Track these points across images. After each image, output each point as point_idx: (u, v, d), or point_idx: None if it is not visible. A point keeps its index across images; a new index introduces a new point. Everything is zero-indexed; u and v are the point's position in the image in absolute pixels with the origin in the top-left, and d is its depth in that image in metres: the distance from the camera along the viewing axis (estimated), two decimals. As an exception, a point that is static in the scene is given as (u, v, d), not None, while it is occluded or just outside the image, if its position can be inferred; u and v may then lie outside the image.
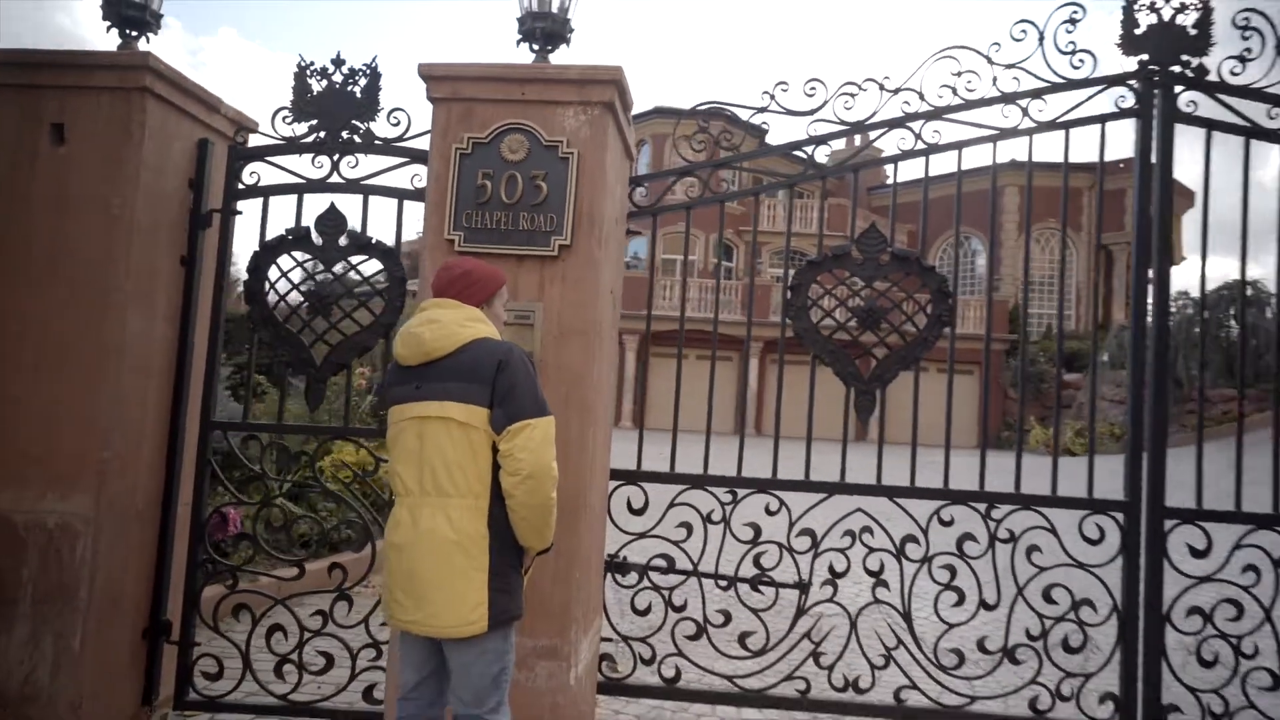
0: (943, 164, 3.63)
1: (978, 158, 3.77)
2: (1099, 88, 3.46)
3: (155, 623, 3.30)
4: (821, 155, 3.90)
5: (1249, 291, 18.60)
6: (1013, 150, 3.72)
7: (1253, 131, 3.39)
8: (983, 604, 3.47)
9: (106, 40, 3.78)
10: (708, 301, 23.54)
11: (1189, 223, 25.76)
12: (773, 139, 3.82)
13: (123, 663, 3.19)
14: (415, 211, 3.38)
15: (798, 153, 3.82)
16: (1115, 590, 3.42)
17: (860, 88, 3.61)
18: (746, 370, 4.49)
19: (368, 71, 3.45)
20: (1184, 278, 53.58)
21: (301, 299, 3.40)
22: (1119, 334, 18.82)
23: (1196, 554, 3.38)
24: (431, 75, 3.05)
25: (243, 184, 3.48)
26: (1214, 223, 3.48)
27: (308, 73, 3.44)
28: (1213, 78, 3.38)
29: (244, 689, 3.31)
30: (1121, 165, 23.73)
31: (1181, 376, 15.53)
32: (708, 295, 23.97)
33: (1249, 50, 3.34)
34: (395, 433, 2.35)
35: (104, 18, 3.42)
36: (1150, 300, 3.49)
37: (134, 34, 3.44)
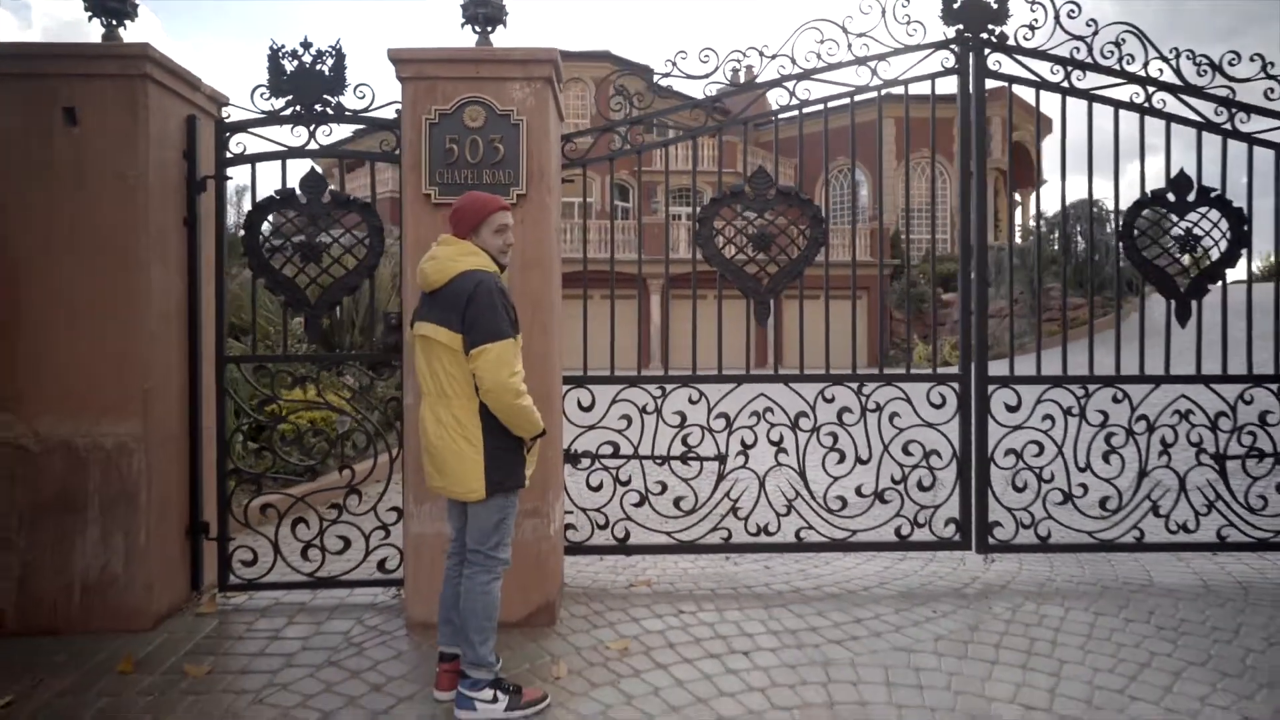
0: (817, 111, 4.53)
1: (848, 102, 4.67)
2: (928, 52, 4.39)
3: (195, 523, 3.97)
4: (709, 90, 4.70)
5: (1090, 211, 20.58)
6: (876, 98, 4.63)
7: (1041, 84, 4.42)
8: (859, 460, 4.50)
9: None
10: (626, 243, 24.10)
11: (1049, 146, 27.79)
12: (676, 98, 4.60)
13: (175, 556, 3.86)
14: (385, 171, 4.03)
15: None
16: (954, 441, 4.51)
17: (744, 54, 4.44)
18: (642, 292, 5.34)
19: (333, 52, 4.03)
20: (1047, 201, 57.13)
21: (293, 249, 4.02)
22: (992, 254, 20.59)
23: (1010, 409, 4.49)
24: (400, 58, 3.69)
25: (230, 153, 4.05)
26: (1070, 148, 4.50)
27: (280, 54, 4.00)
28: (1011, 43, 4.36)
29: (277, 571, 4.04)
30: (987, 94, 25.60)
31: (1147, 257, 17.38)
32: (626, 236, 24.53)
33: (1036, 20, 4.32)
34: (415, 347, 3.08)
35: (87, 8, 3.88)
36: (973, 221, 4.50)
37: (114, 22, 3.91)
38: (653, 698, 3.09)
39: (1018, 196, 32.01)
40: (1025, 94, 23.32)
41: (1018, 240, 28.44)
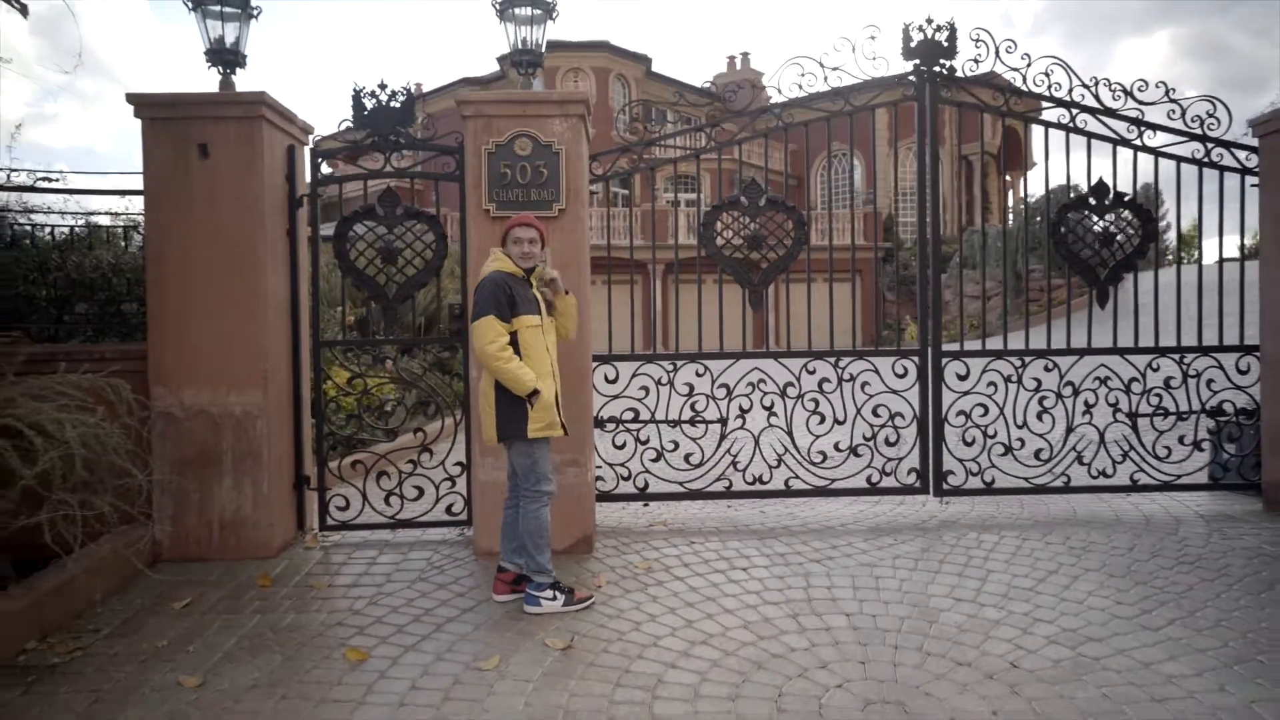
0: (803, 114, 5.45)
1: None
2: (891, 85, 5.31)
3: (299, 476, 4.92)
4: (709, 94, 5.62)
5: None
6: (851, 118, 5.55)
7: (983, 109, 5.34)
8: (836, 421, 5.46)
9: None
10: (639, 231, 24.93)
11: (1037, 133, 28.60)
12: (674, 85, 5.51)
13: (287, 502, 4.82)
14: (448, 189, 4.96)
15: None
16: (915, 405, 5.46)
17: (739, 86, 5.36)
18: (652, 282, 6.28)
19: (405, 92, 4.95)
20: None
21: (374, 253, 4.95)
22: (969, 237, 21.52)
23: (961, 378, 5.44)
24: (464, 101, 4.61)
25: (322, 175, 4.97)
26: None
27: (361, 94, 4.92)
28: (960, 75, 5.28)
29: (364, 515, 5.00)
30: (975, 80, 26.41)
31: (1020, 270, 18.29)
32: (640, 224, 25.41)
33: (980, 55, 5.24)
34: None
35: (208, 62, 4.80)
36: (928, 226, 5.43)
37: (229, 70, 4.83)
38: (673, 597, 4.06)
39: (1008, 178, 32.84)
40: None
41: (997, 223, 29.34)
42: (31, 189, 5.20)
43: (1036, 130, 33.41)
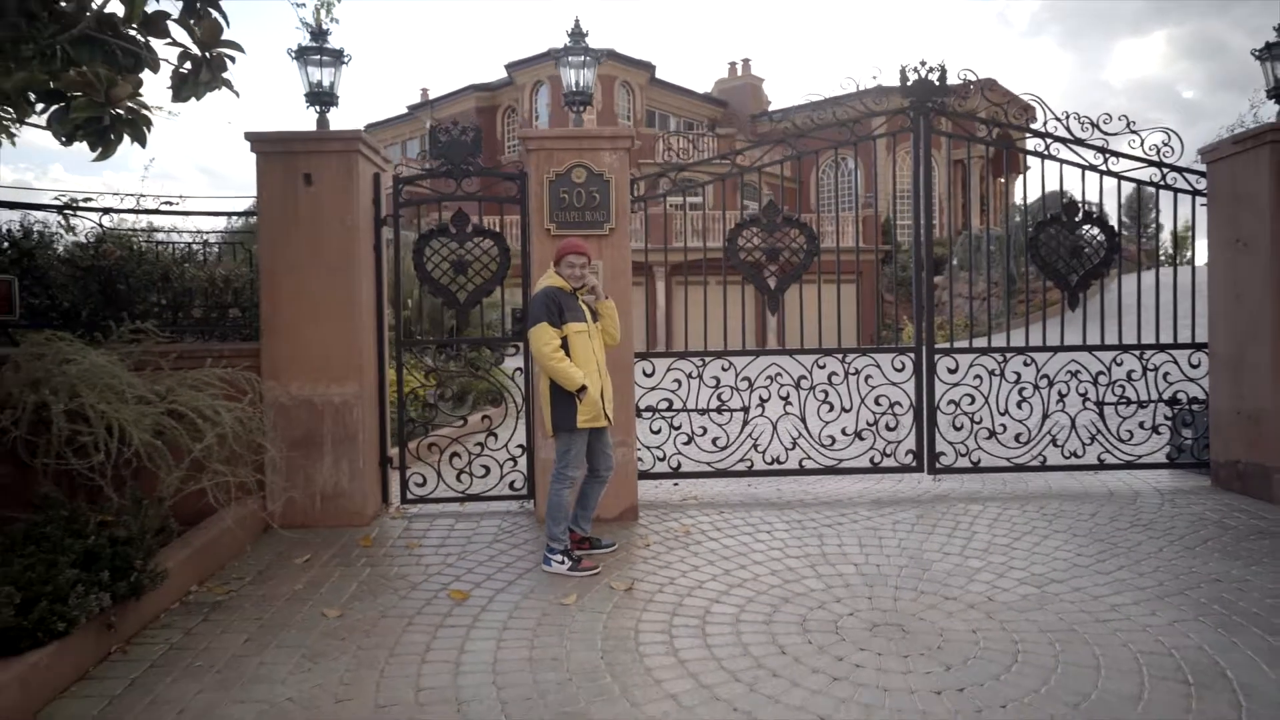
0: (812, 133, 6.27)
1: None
2: (891, 116, 6.13)
3: (383, 456, 5.74)
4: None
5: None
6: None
7: (971, 139, 6.16)
8: (843, 409, 6.28)
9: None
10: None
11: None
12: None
13: (374, 478, 5.64)
14: (509, 210, 5.77)
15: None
16: (911, 395, 6.28)
17: (755, 117, 6.18)
18: (657, 284, 7.09)
19: (474, 129, 5.76)
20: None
21: (447, 265, 5.76)
22: (963, 241, 22.37)
23: (951, 372, 6.27)
24: (528, 137, 5.43)
25: (403, 199, 5.79)
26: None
27: (438, 131, 5.73)
28: (950, 110, 6.11)
29: (439, 491, 5.82)
30: (973, 87, 27.34)
31: (1014, 274, 19.21)
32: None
33: (942, 141, 6.06)
34: None
35: (307, 102, 5.61)
36: (922, 242, 6.25)
37: (324, 109, 5.65)
38: (710, 553, 4.88)
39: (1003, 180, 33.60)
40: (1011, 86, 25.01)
41: (997, 227, 30.03)
42: (157, 211, 6.01)
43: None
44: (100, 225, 5.60)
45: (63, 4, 3.06)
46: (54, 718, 3.09)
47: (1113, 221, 6.20)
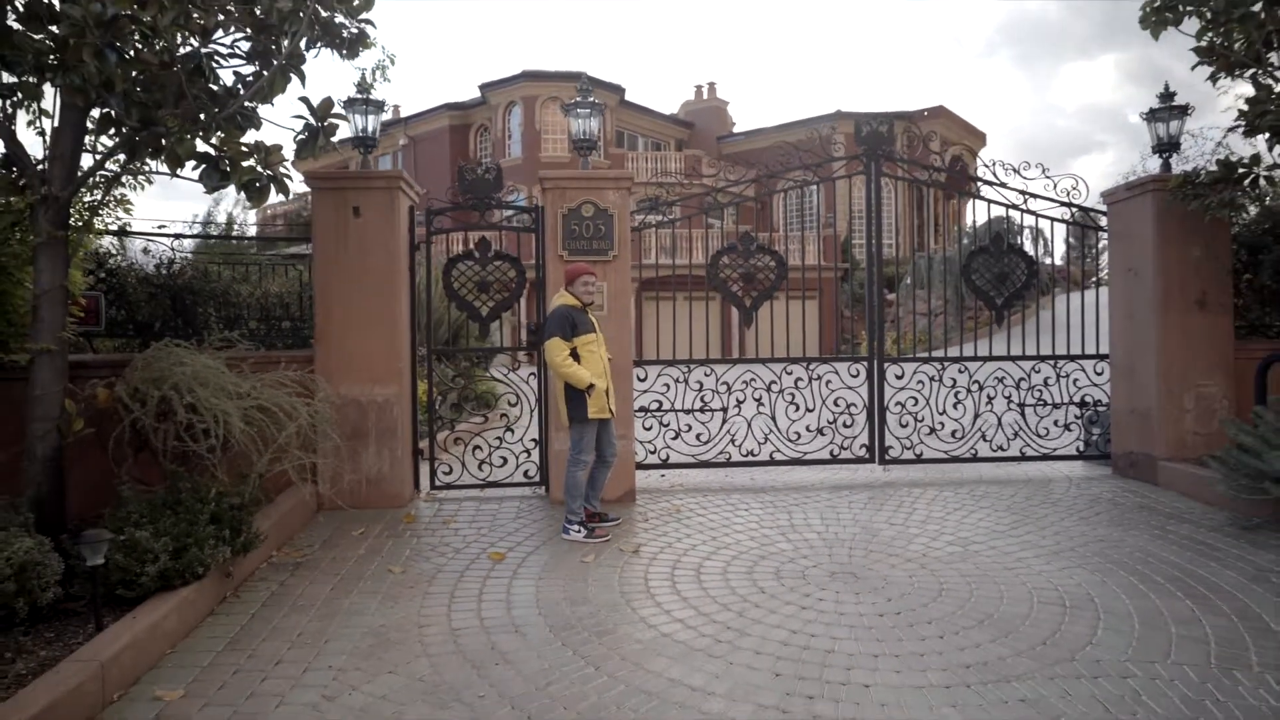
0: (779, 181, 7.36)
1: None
2: (847, 161, 7.25)
3: (415, 449, 6.67)
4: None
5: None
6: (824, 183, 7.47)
7: (913, 181, 7.31)
8: (807, 410, 7.36)
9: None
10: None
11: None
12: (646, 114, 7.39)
13: (408, 467, 6.56)
14: (525, 238, 6.76)
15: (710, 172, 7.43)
16: (865, 397, 7.38)
17: (721, 138, 7.27)
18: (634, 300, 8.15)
19: (495, 168, 6.75)
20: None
21: (472, 284, 6.72)
22: (917, 261, 23.80)
23: (899, 377, 7.39)
24: (545, 177, 6.43)
25: (434, 228, 6.74)
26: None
27: (465, 170, 6.70)
28: (899, 157, 7.25)
29: (463, 479, 6.75)
30: (925, 114, 29.01)
31: (965, 293, 20.67)
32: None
33: (910, 142, 7.21)
34: None
35: (353, 145, 6.55)
36: (874, 273, 7.38)
37: (367, 151, 6.59)
38: (698, 525, 5.89)
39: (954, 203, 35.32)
40: (966, 115, 26.63)
41: (951, 246, 31.59)
42: (224, 237, 6.85)
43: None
44: (171, 248, 6.46)
45: (216, 89, 4.00)
46: (201, 639, 3.99)
47: (1043, 250, 7.39)
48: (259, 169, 3.81)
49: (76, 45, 3.27)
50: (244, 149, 3.83)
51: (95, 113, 4.22)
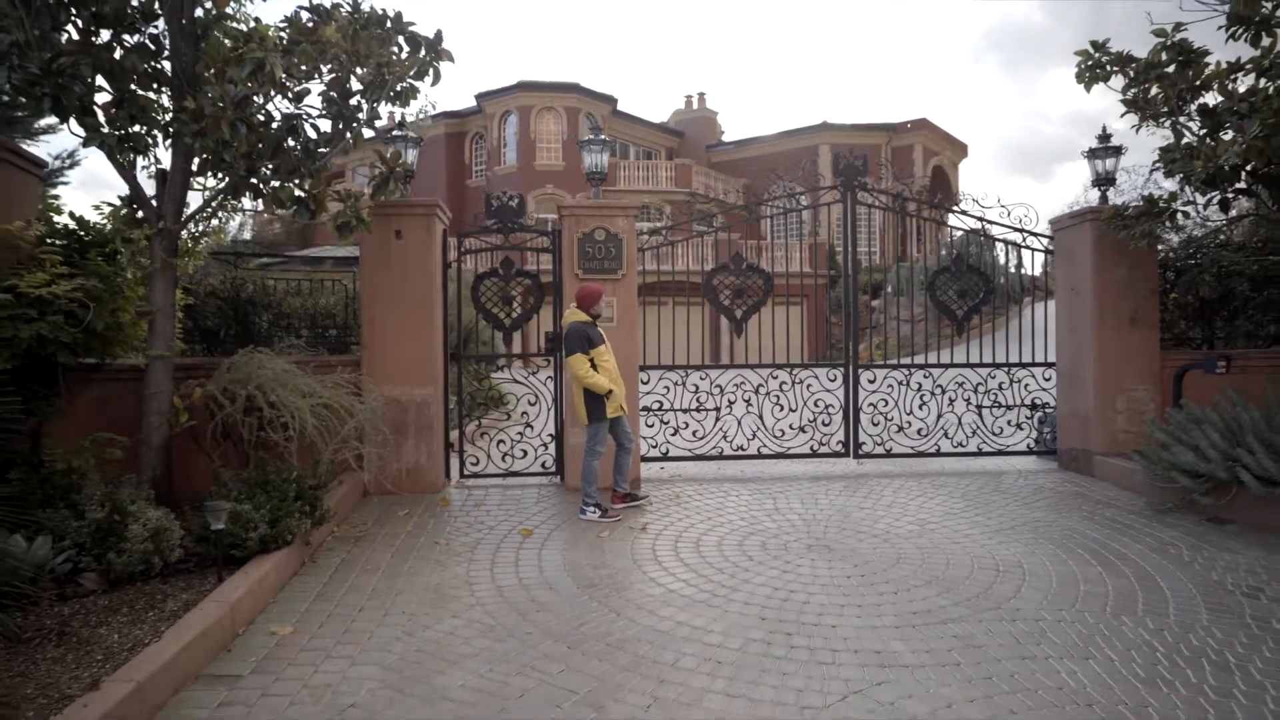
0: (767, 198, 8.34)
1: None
2: (827, 190, 8.22)
3: (446, 442, 7.58)
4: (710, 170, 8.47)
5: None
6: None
7: (885, 208, 8.30)
8: (790, 410, 8.32)
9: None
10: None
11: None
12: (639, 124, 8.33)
13: (441, 458, 7.47)
14: (544, 257, 7.69)
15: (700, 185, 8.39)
16: (842, 398, 8.35)
17: (724, 193, 8.23)
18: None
19: (518, 196, 7.67)
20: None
21: (497, 297, 7.64)
22: (898, 269, 24.92)
23: (871, 381, 8.36)
24: (564, 206, 7.37)
25: (463, 249, 7.66)
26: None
27: (491, 198, 7.63)
28: (872, 188, 8.22)
29: (488, 469, 7.67)
30: (909, 126, 30.12)
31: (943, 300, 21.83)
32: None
33: (883, 173, 8.19)
34: None
35: (395, 178, 7.46)
36: (851, 289, 8.35)
37: (408, 180, 7.50)
38: (695, 508, 6.83)
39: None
40: (947, 127, 27.76)
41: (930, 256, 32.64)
42: (272, 256, 7.73)
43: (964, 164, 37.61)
44: (235, 265, 7.34)
45: (308, 144, 4.91)
46: (294, 593, 4.89)
47: (1015, 264, 8.38)
48: (348, 213, 4.74)
49: (215, 118, 4.18)
50: (333, 194, 4.75)
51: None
